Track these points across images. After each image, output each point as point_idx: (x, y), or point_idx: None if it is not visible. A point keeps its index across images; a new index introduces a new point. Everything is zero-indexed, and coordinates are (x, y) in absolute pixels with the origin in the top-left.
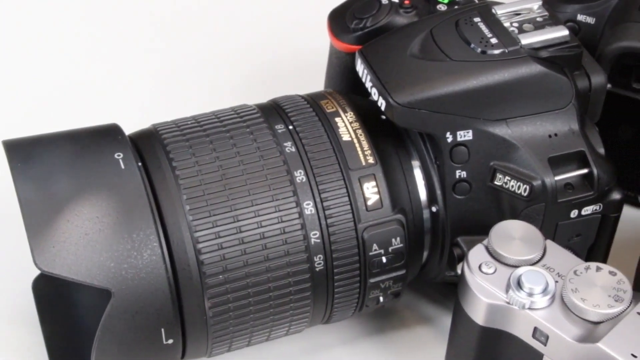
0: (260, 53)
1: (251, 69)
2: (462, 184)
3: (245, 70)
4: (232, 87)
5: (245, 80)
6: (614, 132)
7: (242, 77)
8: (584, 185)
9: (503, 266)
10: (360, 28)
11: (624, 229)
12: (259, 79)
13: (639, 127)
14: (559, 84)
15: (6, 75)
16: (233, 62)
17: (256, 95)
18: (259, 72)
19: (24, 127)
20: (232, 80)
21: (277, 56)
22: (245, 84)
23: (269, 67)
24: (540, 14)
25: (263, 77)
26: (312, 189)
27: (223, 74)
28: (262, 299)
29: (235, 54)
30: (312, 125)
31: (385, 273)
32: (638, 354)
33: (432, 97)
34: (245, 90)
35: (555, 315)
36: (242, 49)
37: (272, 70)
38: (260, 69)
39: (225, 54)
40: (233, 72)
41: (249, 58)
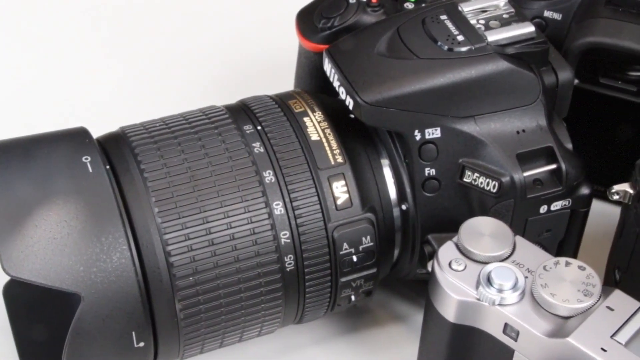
0: (230, 54)
1: (220, 70)
2: (432, 181)
3: (215, 71)
4: (201, 89)
5: (215, 81)
6: (582, 128)
7: (212, 78)
8: (553, 181)
9: (473, 263)
10: (328, 27)
11: (594, 224)
12: (228, 80)
13: (607, 122)
14: (526, 80)
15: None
16: (202, 63)
17: (226, 96)
18: (229, 73)
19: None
20: (202, 81)
21: (246, 57)
22: (214, 85)
23: (239, 68)
24: (507, 11)
25: (232, 78)
26: (282, 189)
27: (192, 76)
28: (233, 300)
29: (204, 55)
30: (280, 125)
31: (356, 272)
32: (608, 348)
33: (400, 95)
34: (215, 92)
35: (525, 310)
36: (211, 50)
37: (241, 71)
38: (230, 69)
39: (194, 55)
40: (202, 74)
41: (218, 59)
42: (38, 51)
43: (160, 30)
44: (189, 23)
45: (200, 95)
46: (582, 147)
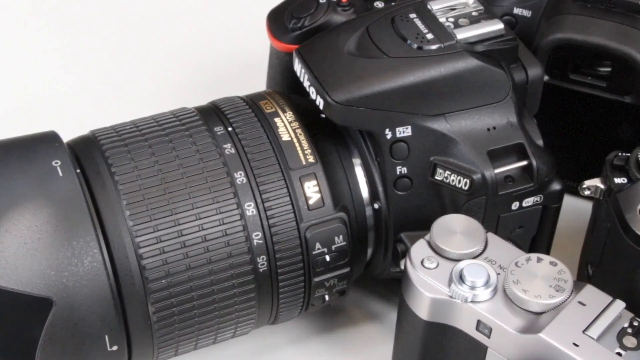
0: (201, 55)
1: (193, 71)
2: (403, 180)
3: (187, 72)
4: (173, 90)
5: (187, 82)
6: (553, 124)
7: (184, 79)
8: (524, 177)
9: (445, 260)
10: (298, 27)
11: (566, 219)
12: (200, 82)
13: (577, 118)
14: (496, 78)
15: None
16: (174, 64)
17: (198, 98)
18: (201, 74)
19: None
20: (173, 83)
21: (218, 58)
22: (186, 87)
23: (211, 69)
24: (476, 9)
25: (204, 79)
26: (253, 190)
27: (164, 77)
28: (206, 302)
29: (176, 57)
30: (251, 126)
31: (330, 271)
32: (580, 343)
33: (370, 94)
34: (187, 93)
35: (497, 307)
36: (183, 51)
37: (213, 72)
38: (202, 71)
39: (166, 56)
40: (174, 75)
41: (190, 60)
42: (6, 55)
43: (130, 32)
44: (160, 24)
45: (172, 97)
46: (553, 143)
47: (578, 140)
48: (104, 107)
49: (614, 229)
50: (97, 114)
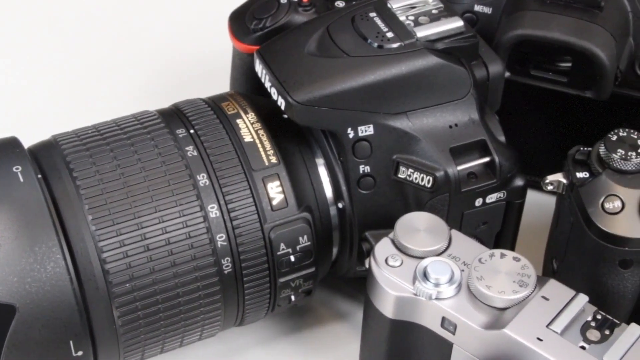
0: (165, 58)
1: (157, 74)
2: (367, 178)
3: (151, 75)
4: (136, 94)
5: (151, 86)
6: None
7: (147, 83)
8: (487, 174)
9: (409, 258)
10: (260, 28)
11: (531, 214)
12: (164, 84)
13: (539, 113)
14: (457, 75)
15: None
16: (137, 67)
17: (163, 100)
18: (165, 77)
19: None
20: (137, 86)
21: (182, 60)
22: (150, 90)
23: (175, 72)
24: (436, 6)
25: (169, 82)
26: (216, 191)
27: (127, 81)
28: (171, 305)
29: (140, 60)
30: (213, 128)
31: (295, 272)
32: (543, 337)
33: (331, 94)
34: (150, 96)
35: (462, 304)
36: (147, 54)
37: (177, 75)
38: (166, 73)
39: (129, 59)
40: (137, 78)
41: (154, 64)
42: None
43: (91, 36)
44: (121, 27)
45: (135, 100)
46: (515, 139)
47: (540, 136)
48: (66, 112)
49: (577, 223)
50: (58, 119)
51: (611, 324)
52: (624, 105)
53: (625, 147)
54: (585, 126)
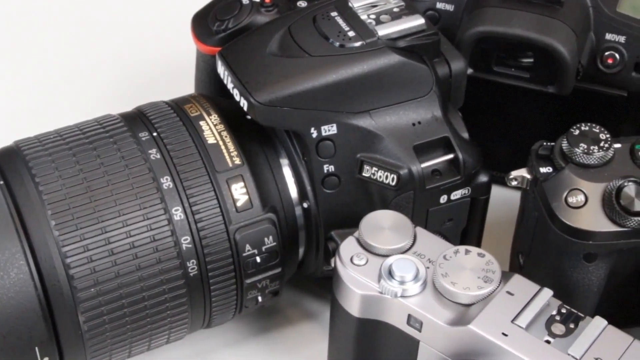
0: (129, 61)
1: (122, 77)
2: (331, 178)
3: (116, 79)
4: (101, 98)
5: (116, 89)
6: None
7: (111, 86)
8: (451, 171)
9: (374, 256)
10: (222, 30)
11: (497, 210)
12: (129, 88)
13: (503, 109)
14: (419, 73)
15: None
16: (101, 71)
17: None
18: (129, 80)
19: None
20: (101, 90)
21: (146, 63)
22: (114, 94)
23: (140, 75)
24: (397, 5)
25: (134, 85)
26: (180, 194)
27: (91, 85)
28: (137, 309)
29: (104, 64)
30: (176, 130)
31: (261, 272)
32: (509, 332)
33: (293, 94)
34: (115, 100)
35: (427, 301)
36: (111, 58)
37: (142, 78)
38: (131, 77)
39: (92, 63)
40: (101, 82)
41: (119, 67)
42: None
43: (52, 39)
44: (85, 30)
45: (100, 104)
46: (480, 135)
47: (504, 132)
48: (28, 117)
49: (541, 218)
50: (20, 124)
51: (576, 317)
52: (586, 99)
53: (587, 141)
54: (549, 121)
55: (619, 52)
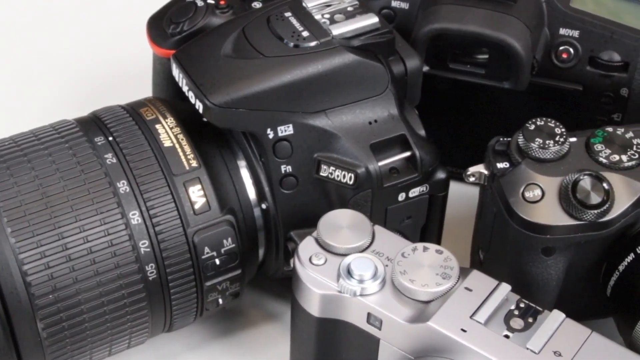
0: (88, 65)
1: (79, 82)
2: (289, 178)
3: (72, 84)
4: (57, 103)
5: (72, 94)
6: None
7: (68, 91)
8: (408, 168)
9: (333, 256)
10: (177, 32)
11: (457, 206)
12: (87, 93)
13: (460, 105)
14: (374, 71)
15: None
16: (57, 76)
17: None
18: (87, 85)
19: None
20: (57, 95)
21: (104, 67)
22: (71, 99)
23: (98, 80)
24: (351, 4)
25: (92, 90)
26: (137, 198)
27: (47, 90)
28: (97, 314)
29: (60, 69)
30: (132, 134)
31: (221, 275)
32: (467, 328)
33: (248, 95)
34: (72, 105)
35: (386, 299)
36: (67, 63)
37: (100, 83)
38: (88, 82)
39: (48, 69)
40: (57, 87)
41: (75, 72)
42: None
43: (5, 43)
44: (41, 35)
45: (56, 109)
46: (438, 132)
47: (462, 128)
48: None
49: (499, 213)
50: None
51: (534, 311)
52: (542, 94)
53: (543, 135)
54: (505, 117)
55: (573, 46)
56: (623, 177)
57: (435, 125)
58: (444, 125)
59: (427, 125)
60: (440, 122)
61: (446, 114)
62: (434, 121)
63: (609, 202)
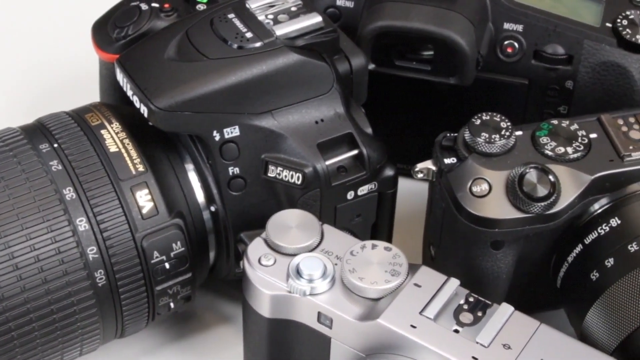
0: (34, 72)
1: (24, 90)
2: (237, 180)
3: (18, 92)
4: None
5: (17, 102)
6: (385, 110)
7: (14, 99)
8: (356, 166)
9: (282, 256)
10: (122, 37)
11: (408, 203)
12: (33, 100)
13: (407, 102)
14: (319, 70)
15: None
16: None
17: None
18: (33, 92)
19: None
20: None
21: (51, 74)
22: (19, 106)
23: (44, 86)
24: (295, 4)
25: (38, 97)
26: (84, 204)
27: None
28: (46, 323)
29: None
30: (77, 140)
31: (171, 279)
32: (417, 324)
33: (193, 97)
34: (20, 112)
35: (336, 297)
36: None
37: (47, 89)
38: (35, 88)
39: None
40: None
41: (22, 79)
42: None
43: None
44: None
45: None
46: (387, 129)
47: (410, 125)
48: None
49: (448, 208)
50: None
51: (483, 305)
52: (489, 89)
53: (489, 130)
54: (453, 112)
55: (518, 40)
56: (569, 169)
57: (383, 122)
58: (391, 123)
59: (375, 123)
60: (387, 119)
61: (393, 111)
62: (381, 119)
63: (556, 194)
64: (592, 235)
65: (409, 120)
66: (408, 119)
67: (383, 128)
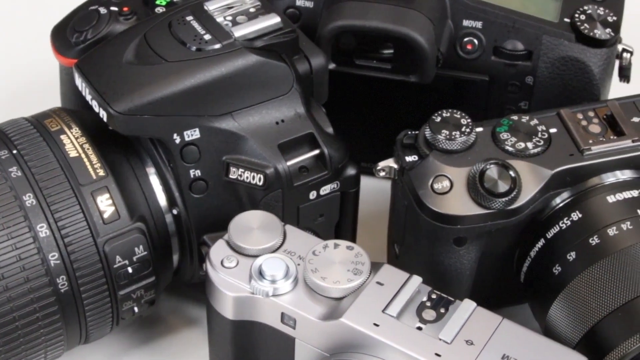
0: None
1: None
2: (198, 182)
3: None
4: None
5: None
6: (346, 109)
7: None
8: (318, 166)
9: (245, 258)
10: (81, 41)
11: (373, 201)
12: None
13: (368, 101)
14: (278, 71)
15: None
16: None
17: None
18: None
19: None
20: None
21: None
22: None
23: (4, 92)
24: (253, 5)
25: None
26: (44, 210)
27: None
28: (8, 330)
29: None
30: (36, 146)
31: (134, 283)
32: (380, 323)
33: (152, 101)
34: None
35: (299, 298)
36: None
37: (6, 95)
38: None
39: None
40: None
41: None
42: None
43: None
44: None
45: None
46: (349, 129)
47: (372, 123)
48: None
49: (410, 206)
50: None
51: (446, 302)
52: (449, 86)
53: (449, 127)
54: (414, 110)
55: (477, 37)
56: (529, 164)
57: (344, 121)
58: (353, 121)
59: (336, 122)
60: (348, 119)
61: (354, 110)
62: (342, 118)
63: (517, 190)
64: (553, 229)
65: (371, 119)
66: (369, 117)
67: (345, 127)
